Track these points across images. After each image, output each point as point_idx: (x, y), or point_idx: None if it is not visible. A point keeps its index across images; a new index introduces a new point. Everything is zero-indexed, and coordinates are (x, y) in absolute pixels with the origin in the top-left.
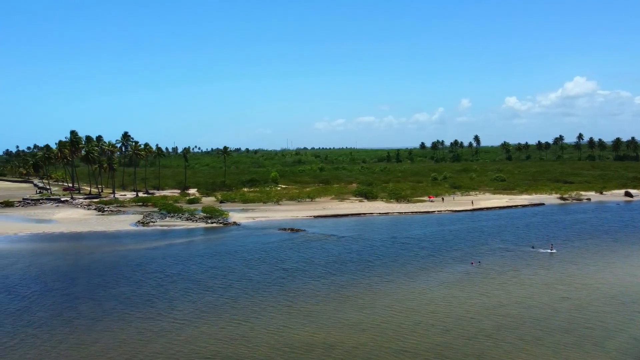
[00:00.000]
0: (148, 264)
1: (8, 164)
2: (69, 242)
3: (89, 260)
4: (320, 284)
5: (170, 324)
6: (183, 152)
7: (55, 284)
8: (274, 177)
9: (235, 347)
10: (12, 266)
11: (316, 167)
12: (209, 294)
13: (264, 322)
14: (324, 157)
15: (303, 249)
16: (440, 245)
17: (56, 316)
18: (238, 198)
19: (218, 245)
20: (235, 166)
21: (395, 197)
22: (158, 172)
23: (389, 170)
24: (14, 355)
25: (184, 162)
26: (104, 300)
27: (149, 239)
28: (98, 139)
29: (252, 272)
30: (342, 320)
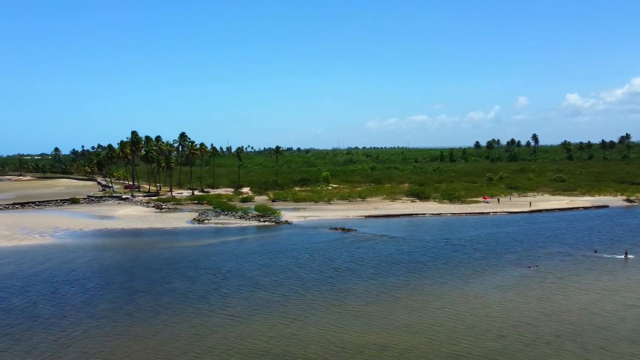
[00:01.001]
0: (203, 260)
1: (74, 163)
2: (129, 238)
3: (148, 256)
4: (371, 284)
5: (223, 320)
6: (237, 152)
7: (116, 277)
8: (325, 176)
9: (286, 345)
10: (77, 260)
11: (367, 166)
12: (261, 291)
13: (314, 320)
14: (375, 156)
15: (354, 248)
16: (495, 247)
17: (117, 309)
18: (290, 197)
19: (270, 244)
20: (287, 165)
21: (448, 197)
22: (213, 171)
23: (441, 170)
24: (79, 345)
25: (237, 161)
26: (161, 294)
27: (203, 236)
28: (157, 139)
29: (303, 271)
30: (393, 322)
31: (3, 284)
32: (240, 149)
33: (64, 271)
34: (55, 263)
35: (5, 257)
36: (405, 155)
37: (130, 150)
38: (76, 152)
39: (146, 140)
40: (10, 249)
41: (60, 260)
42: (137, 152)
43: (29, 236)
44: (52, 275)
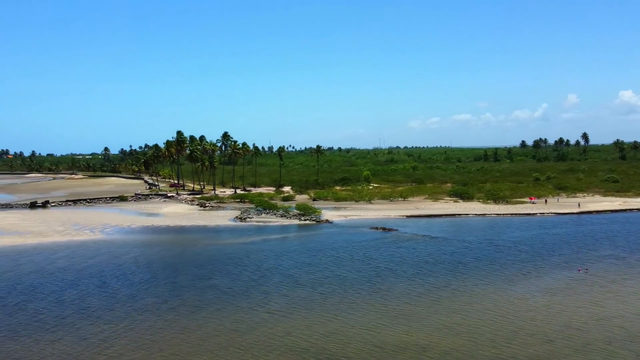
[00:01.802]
0: (244, 258)
1: (123, 162)
2: (174, 234)
3: (191, 253)
4: (412, 284)
5: (264, 316)
6: (278, 151)
7: (161, 273)
8: (366, 175)
9: (327, 343)
10: (125, 255)
11: (409, 166)
12: (301, 289)
13: (355, 319)
14: (417, 156)
15: (394, 248)
16: (541, 249)
17: (162, 303)
18: (330, 196)
19: (311, 242)
20: (327, 165)
21: (493, 197)
22: (254, 170)
23: (486, 169)
24: (126, 337)
25: (279, 160)
26: (204, 290)
27: (245, 234)
28: (201, 138)
29: (343, 270)
30: (435, 323)
31: (56, 277)
32: (282, 148)
33: (113, 266)
34: (105, 258)
35: (58, 251)
36: (447, 155)
37: (175, 150)
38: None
39: (191, 140)
40: (63, 243)
41: (109, 255)
42: (182, 152)
43: (80, 232)
44: (101, 270)
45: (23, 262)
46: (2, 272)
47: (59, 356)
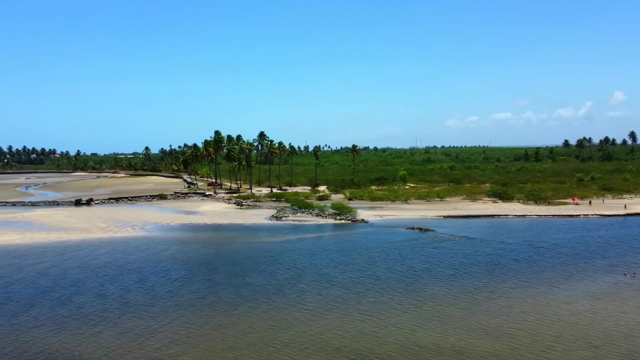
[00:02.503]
0: (280, 256)
1: (162, 161)
2: (212, 232)
3: (228, 250)
4: (449, 285)
5: (299, 314)
6: (314, 151)
7: (199, 269)
8: (402, 175)
9: (363, 342)
10: (164, 252)
11: (446, 166)
12: (337, 288)
13: (390, 319)
14: (454, 155)
15: (431, 248)
16: (584, 252)
17: (200, 299)
18: (366, 196)
19: (346, 242)
20: (363, 164)
21: (534, 198)
22: (290, 170)
23: (526, 169)
24: (166, 331)
25: (314, 160)
26: (240, 287)
27: (281, 232)
28: (238, 138)
29: (378, 269)
30: (472, 325)
31: (98, 272)
32: (318, 148)
33: (152, 262)
34: (145, 254)
35: (101, 247)
36: (486, 155)
37: (213, 149)
38: (164, 151)
39: (228, 140)
40: (106, 240)
41: (149, 252)
42: (220, 151)
43: (122, 229)
44: (142, 266)
45: (68, 258)
46: (49, 266)
47: (100, 349)
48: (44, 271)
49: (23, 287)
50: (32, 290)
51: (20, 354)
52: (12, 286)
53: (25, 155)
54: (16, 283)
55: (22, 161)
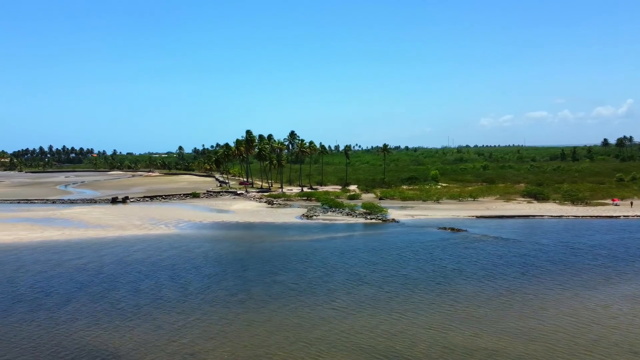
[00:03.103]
0: (310, 255)
1: (195, 161)
2: (243, 230)
3: (259, 249)
4: (482, 286)
5: (329, 313)
6: (344, 150)
7: (230, 267)
8: (434, 175)
9: (392, 343)
10: (197, 249)
11: (479, 165)
12: (367, 288)
13: (422, 320)
14: (488, 155)
15: (463, 249)
16: (624, 254)
17: (231, 296)
18: (397, 195)
19: (376, 241)
20: (394, 164)
21: (571, 198)
22: (321, 169)
23: (563, 169)
24: (198, 327)
25: (345, 159)
26: (271, 285)
27: (311, 231)
28: (269, 137)
29: (409, 269)
30: (506, 326)
31: (133, 268)
32: (348, 147)
33: (185, 259)
34: (178, 251)
35: (136, 244)
36: (521, 154)
37: (244, 149)
38: (197, 150)
39: (259, 139)
40: (140, 237)
41: (182, 249)
42: (251, 150)
43: (156, 226)
44: (175, 263)
45: (105, 254)
46: (87, 262)
47: (134, 343)
48: (82, 267)
49: (62, 281)
50: (70, 285)
51: (60, 346)
52: (51, 280)
53: (64, 155)
54: (56, 278)
55: (62, 160)
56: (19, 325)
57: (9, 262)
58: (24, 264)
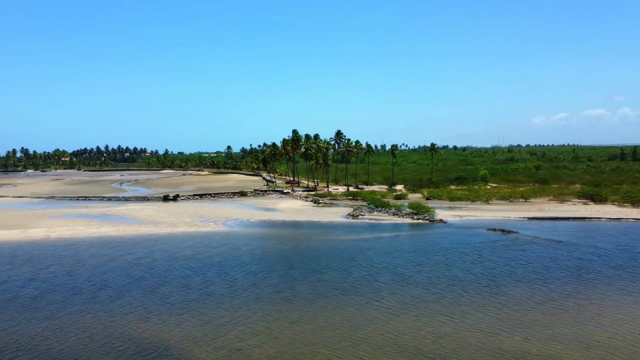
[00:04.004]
0: (356, 254)
1: (243, 160)
2: (289, 229)
3: (305, 247)
4: (533, 289)
5: (375, 313)
6: (391, 149)
7: (277, 264)
8: (483, 175)
9: (440, 345)
10: (244, 247)
11: (531, 165)
12: (413, 288)
13: (470, 322)
14: (540, 154)
15: (513, 251)
16: None
17: (277, 293)
18: (445, 195)
19: (423, 242)
20: (442, 163)
21: (631, 200)
22: (367, 168)
23: (622, 169)
24: (244, 323)
25: (391, 159)
26: (317, 283)
27: (357, 231)
28: (315, 137)
29: (457, 271)
30: (559, 332)
31: (183, 264)
32: (395, 146)
33: (233, 256)
34: (226, 249)
35: (186, 240)
36: (576, 154)
37: (291, 148)
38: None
39: (305, 139)
40: (191, 234)
41: (230, 246)
42: (298, 150)
43: (205, 224)
44: (223, 259)
45: (157, 249)
46: (140, 257)
47: (184, 337)
48: (135, 261)
49: (116, 275)
50: (124, 279)
51: (112, 337)
52: (106, 274)
53: (119, 154)
54: (110, 272)
55: (117, 159)
56: (76, 316)
57: (68, 255)
58: (81, 258)
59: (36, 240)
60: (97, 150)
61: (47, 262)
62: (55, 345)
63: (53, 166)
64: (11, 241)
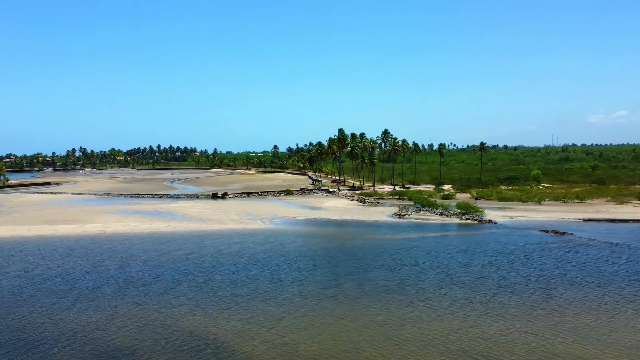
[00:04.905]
0: (402, 253)
1: (289, 159)
2: (334, 227)
3: (350, 246)
4: (588, 293)
5: (421, 313)
6: (439, 148)
7: (322, 262)
8: (535, 175)
9: (487, 347)
10: (290, 244)
11: (587, 165)
12: (461, 289)
13: (520, 325)
14: (597, 154)
15: (567, 253)
16: None
17: (323, 290)
18: (494, 195)
19: (471, 242)
20: (492, 163)
21: None
22: (414, 168)
23: None
24: (291, 318)
25: (439, 158)
26: (362, 282)
27: (403, 230)
28: (361, 136)
29: (507, 272)
30: (616, 339)
31: (231, 260)
32: (442, 145)
33: (279, 253)
34: (272, 246)
35: (233, 237)
36: (637, 153)
37: (337, 147)
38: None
39: (351, 137)
40: (238, 231)
41: (276, 243)
42: (343, 149)
43: (252, 221)
44: (269, 256)
45: (205, 245)
46: (189, 252)
47: (231, 330)
48: (184, 257)
49: (167, 269)
50: (174, 273)
51: (162, 327)
52: (158, 268)
53: (171, 153)
54: (161, 266)
55: (168, 158)
56: (128, 308)
57: (121, 250)
58: (134, 252)
59: (93, 235)
60: (150, 150)
61: (102, 256)
62: (108, 335)
63: (109, 165)
64: (70, 235)
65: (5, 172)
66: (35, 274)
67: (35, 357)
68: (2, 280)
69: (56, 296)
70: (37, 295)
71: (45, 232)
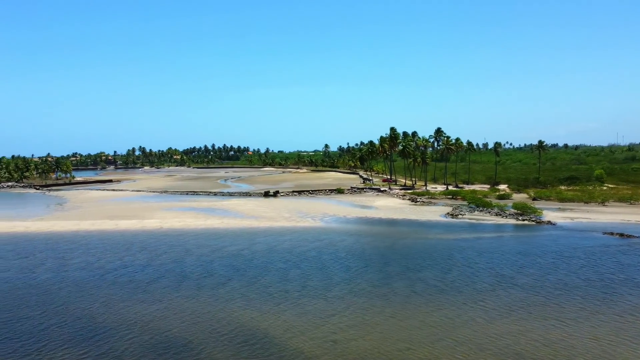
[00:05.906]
0: (455, 254)
1: (340, 158)
2: (386, 226)
3: (402, 245)
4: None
5: (476, 314)
6: (494, 147)
7: (373, 261)
8: (598, 175)
9: (546, 352)
10: (340, 242)
11: None
12: (517, 290)
13: (581, 329)
14: None
15: (633, 256)
16: None
17: (374, 289)
18: (554, 196)
19: (528, 244)
20: (550, 162)
21: None
22: (468, 167)
23: None
24: (341, 315)
25: (494, 157)
26: (413, 281)
27: (456, 230)
28: (413, 134)
29: (567, 274)
30: None
31: (282, 257)
32: (498, 144)
33: (330, 251)
34: (323, 244)
35: (284, 234)
36: None
37: (388, 146)
38: (342, 148)
39: (403, 136)
40: (289, 228)
41: (327, 241)
42: (395, 148)
43: (303, 219)
44: (320, 254)
45: (257, 242)
46: (242, 249)
47: (282, 326)
48: (237, 253)
49: (220, 265)
50: (227, 269)
51: (215, 320)
52: (211, 264)
53: (224, 152)
54: (215, 261)
55: (222, 157)
56: (183, 301)
57: (178, 245)
58: (189, 247)
59: (150, 230)
60: (205, 149)
61: (159, 250)
62: (164, 326)
63: (166, 163)
64: (130, 230)
65: (71, 170)
66: (97, 267)
67: (94, 345)
68: (67, 272)
69: (115, 288)
70: (98, 287)
71: (106, 227)
